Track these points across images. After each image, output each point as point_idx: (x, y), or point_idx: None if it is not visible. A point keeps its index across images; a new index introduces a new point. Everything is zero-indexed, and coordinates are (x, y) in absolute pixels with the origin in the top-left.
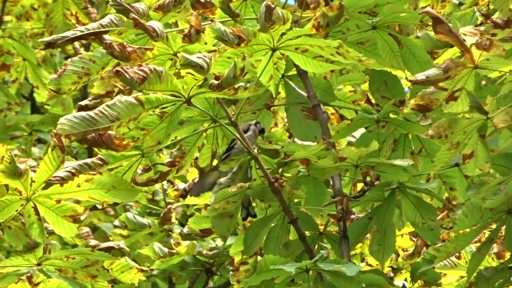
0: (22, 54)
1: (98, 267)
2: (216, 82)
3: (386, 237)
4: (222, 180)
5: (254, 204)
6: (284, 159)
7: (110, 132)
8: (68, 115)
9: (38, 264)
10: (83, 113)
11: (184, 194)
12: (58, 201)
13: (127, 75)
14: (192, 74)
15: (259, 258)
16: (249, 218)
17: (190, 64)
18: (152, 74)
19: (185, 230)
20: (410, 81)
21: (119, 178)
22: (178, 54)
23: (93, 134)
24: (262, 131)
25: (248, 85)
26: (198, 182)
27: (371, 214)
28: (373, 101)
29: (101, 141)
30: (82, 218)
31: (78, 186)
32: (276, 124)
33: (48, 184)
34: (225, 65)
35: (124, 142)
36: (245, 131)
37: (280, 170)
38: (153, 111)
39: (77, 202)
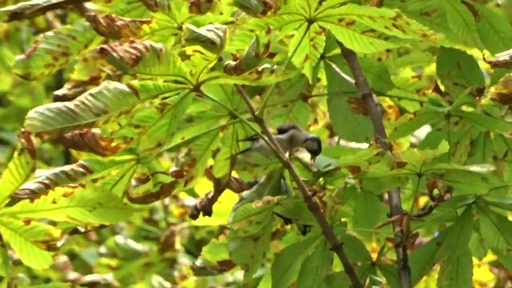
0: None
1: None
2: (233, 63)
3: (460, 269)
4: (244, 194)
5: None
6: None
7: (94, 130)
8: (39, 107)
9: None
10: (60, 105)
11: (194, 214)
12: (28, 222)
13: (115, 55)
14: (201, 53)
15: None
16: (277, 243)
17: (198, 39)
18: (148, 53)
19: (199, 262)
20: (489, 62)
21: (107, 192)
22: (183, 28)
23: (72, 133)
24: (315, 152)
25: (275, 67)
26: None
27: (439, 238)
28: (442, 89)
29: (82, 142)
30: (58, 244)
31: (54, 202)
32: (315, 121)
33: (14, 199)
34: (246, 41)
35: (113, 144)
36: (281, 132)
37: (320, 181)
38: (151, 103)
39: (53, 223)
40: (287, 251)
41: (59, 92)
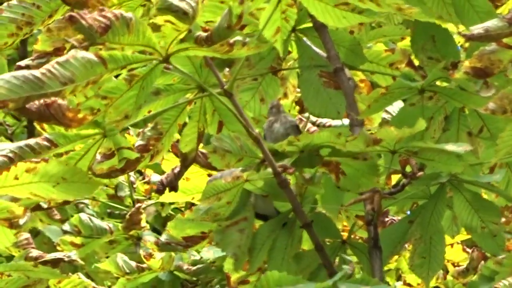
0: None
1: (42, 287)
2: (204, 34)
3: (433, 248)
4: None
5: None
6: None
7: (60, 101)
8: (4, 74)
9: None
10: (26, 73)
11: (160, 189)
12: None
13: (84, 23)
14: (173, 23)
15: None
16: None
17: (170, 9)
18: (118, 22)
19: (163, 238)
20: (464, 36)
21: (72, 166)
22: None
23: (38, 103)
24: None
25: (247, 39)
26: None
27: (412, 216)
28: (416, 63)
29: (48, 112)
30: (21, 222)
31: (16, 178)
32: (285, 95)
33: None
34: (217, 12)
35: (80, 115)
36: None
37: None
38: (119, 74)
39: (15, 199)
40: (261, 231)
41: (22, 63)
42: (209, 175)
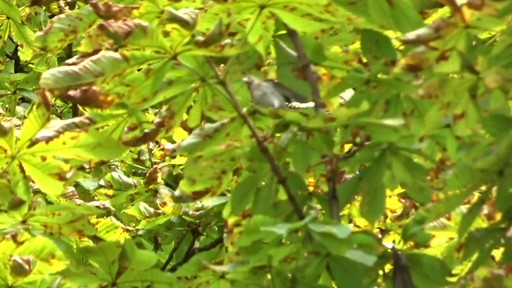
0: (6, 12)
1: (83, 222)
2: (202, 38)
3: (377, 198)
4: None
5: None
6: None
7: (94, 88)
8: (51, 69)
9: (23, 222)
10: (67, 68)
11: (173, 154)
12: (44, 159)
13: (111, 29)
14: (178, 30)
15: None
16: (236, 178)
17: (175, 19)
18: (137, 29)
19: (177, 192)
20: (401, 40)
21: (105, 135)
22: (164, 11)
23: (77, 90)
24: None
25: (235, 42)
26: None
27: (361, 175)
28: (364, 61)
29: (86, 96)
30: (68, 176)
31: (64, 144)
32: None
33: (33, 142)
34: (212, 22)
35: (109, 98)
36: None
37: (271, 132)
38: (139, 68)
39: (66, 161)
40: (243, 183)
41: (69, 61)
42: None
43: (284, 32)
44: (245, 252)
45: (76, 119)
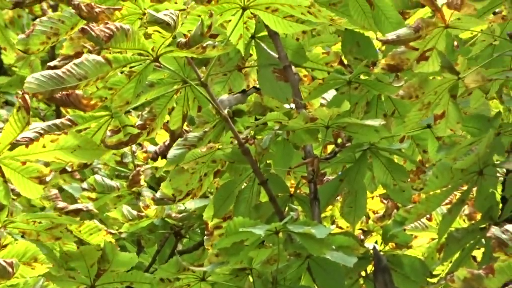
0: None
1: (62, 229)
2: (183, 40)
3: (358, 199)
4: (190, 135)
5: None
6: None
7: (77, 91)
8: (35, 73)
9: (4, 227)
10: (50, 72)
11: (155, 157)
12: (24, 163)
13: (93, 33)
14: (160, 32)
15: None
16: (218, 180)
17: (157, 21)
18: (118, 32)
19: (158, 194)
20: (380, 40)
21: (85, 137)
22: (146, 13)
23: (60, 93)
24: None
25: (216, 43)
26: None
27: (342, 176)
28: (346, 62)
29: (68, 100)
30: (47, 179)
31: (44, 147)
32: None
33: (14, 145)
34: (195, 24)
35: (92, 102)
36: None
37: (252, 132)
38: (122, 71)
39: (46, 164)
40: (225, 186)
41: (51, 63)
42: None
43: (265, 33)
44: (225, 254)
45: (57, 121)
